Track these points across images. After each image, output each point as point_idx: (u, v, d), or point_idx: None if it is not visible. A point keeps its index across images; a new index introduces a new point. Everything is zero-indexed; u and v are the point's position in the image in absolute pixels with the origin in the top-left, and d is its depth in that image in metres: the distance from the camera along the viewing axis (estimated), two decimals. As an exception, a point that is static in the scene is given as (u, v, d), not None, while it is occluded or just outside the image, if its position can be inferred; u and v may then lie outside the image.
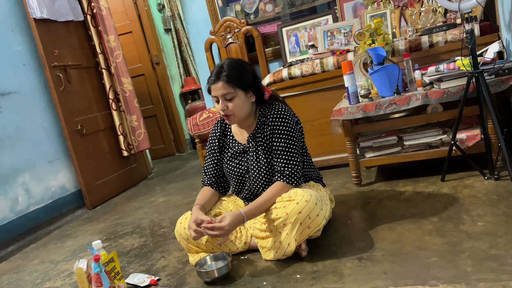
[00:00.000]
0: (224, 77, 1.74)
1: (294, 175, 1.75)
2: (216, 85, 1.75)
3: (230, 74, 1.75)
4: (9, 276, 2.32)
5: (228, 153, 1.93)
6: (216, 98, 1.78)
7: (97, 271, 1.55)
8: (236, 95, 1.76)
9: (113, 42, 3.78)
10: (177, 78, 5.26)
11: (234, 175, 1.91)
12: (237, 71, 1.77)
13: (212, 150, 1.97)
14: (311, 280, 1.52)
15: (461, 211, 1.79)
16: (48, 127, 3.36)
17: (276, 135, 1.79)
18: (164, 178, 3.97)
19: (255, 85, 1.83)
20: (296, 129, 1.83)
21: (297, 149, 1.79)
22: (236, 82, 1.75)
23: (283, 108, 1.84)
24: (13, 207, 3.00)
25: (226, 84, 1.74)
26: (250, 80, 1.80)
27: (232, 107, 1.76)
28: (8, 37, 3.18)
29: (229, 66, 1.77)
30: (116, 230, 2.69)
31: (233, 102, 1.76)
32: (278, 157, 1.78)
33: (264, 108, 1.86)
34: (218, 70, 1.77)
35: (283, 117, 1.80)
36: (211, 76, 1.78)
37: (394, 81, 2.20)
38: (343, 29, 2.97)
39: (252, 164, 1.85)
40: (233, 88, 1.74)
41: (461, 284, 1.29)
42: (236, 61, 1.82)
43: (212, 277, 1.66)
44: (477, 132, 2.17)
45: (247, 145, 1.88)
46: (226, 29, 3.39)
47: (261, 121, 1.85)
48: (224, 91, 1.74)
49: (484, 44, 2.30)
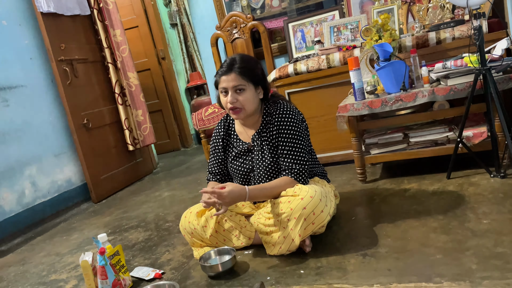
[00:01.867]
0: (237, 69, 1.74)
1: (302, 173, 1.76)
2: (228, 76, 1.74)
3: (244, 66, 1.75)
4: (16, 268, 2.35)
5: (233, 153, 1.93)
6: (225, 90, 1.77)
7: (102, 264, 1.56)
8: (247, 88, 1.76)
9: (120, 37, 3.78)
10: (182, 73, 5.27)
11: (239, 174, 1.91)
12: (250, 65, 1.78)
13: (216, 149, 1.98)
14: (314, 276, 1.52)
15: (466, 208, 1.78)
16: (55, 121, 3.38)
17: (283, 134, 1.79)
18: (169, 172, 3.98)
19: (264, 81, 1.84)
20: (302, 127, 1.83)
21: (304, 148, 1.80)
22: (249, 75, 1.76)
23: (289, 107, 1.84)
24: (20, 200, 3.02)
25: (239, 75, 1.74)
26: (260, 76, 1.81)
27: (242, 100, 1.76)
28: (16, 31, 3.19)
29: (241, 59, 1.78)
30: (121, 224, 2.71)
31: (244, 95, 1.76)
32: (285, 156, 1.78)
33: (269, 106, 1.86)
34: (231, 62, 1.77)
35: (289, 115, 1.80)
36: (221, 68, 1.78)
37: (400, 77, 2.19)
38: (350, 25, 2.96)
39: (258, 163, 1.85)
40: (245, 80, 1.75)
41: (466, 282, 1.28)
42: (248, 56, 1.84)
43: (216, 271, 1.66)
44: (483, 129, 2.16)
45: (252, 143, 1.88)
46: (232, 24, 3.38)
47: (267, 120, 1.84)
48: (236, 82, 1.74)
49: (492, 41, 2.28)
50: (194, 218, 1.86)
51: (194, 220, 1.85)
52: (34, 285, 2.05)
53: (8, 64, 3.09)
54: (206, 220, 1.84)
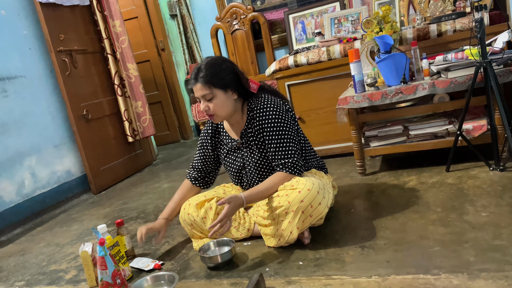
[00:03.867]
0: (201, 78, 1.73)
1: (295, 164, 1.74)
2: (195, 86, 1.75)
3: (208, 74, 1.73)
4: (16, 258, 2.36)
5: (224, 150, 1.94)
6: (198, 98, 1.78)
7: (102, 255, 1.56)
8: (215, 95, 1.74)
9: (119, 27, 3.76)
10: (182, 65, 5.24)
11: (232, 171, 1.92)
12: (214, 71, 1.74)
13: (203, 146, 1.98)
14: (313, 268, 1.53)
15: (465, 201, 1.79)
16: (54, 112, 3.38)
17: (266, 129, 1.76)
18: (169, 164, 3.99)
19: (235, 82, 1.79)
20: (287, 118, 1.79)
21: (292, 139, 1.76)
22: (213, 82, 1.73)
23: (269, 99, 1.80)
24: (20, 190, 3.03)
25: (203, 85, 1.73)
26: (228, 78, 1.76)
27: (213, 107, 1.75)
28: (15, 21, 3.17)
29: (206, 66, 1.75)
30: (121, 215, 2.72)
31: (213, 102, 1.75)
32: (274, 151, 1.76)
33: (251, 102, 1.83)
34: (196, 71, 1.76)
35: (269, 108, 1.77)
36: (191, 77, 1.77)
37: (401, 70, 2.18)
38: (351, 17, 2.94)
39: (248, 159, 1.86)
40: (210, 88, 1.73)
41: (463, 274, 1.29)
42: (214, 60, 1.79)
43: (216, 262, 1.67)
44: (483, 122, 2.15)
45: (240, 141, 1.88)
46: (232, 15, 3.37)
47: (250, 116, 1.82)
48: (203, 92, 1.73)
49: (494, 33, 2.27)
50: (194, 210, 1.86)
51: (194, 211, 1.86)
52: (34, 275, 2.06)
53: (7, 55, 3.07)
54: (206, 212, 1.85)
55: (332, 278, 1.43)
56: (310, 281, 1.44)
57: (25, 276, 2.07)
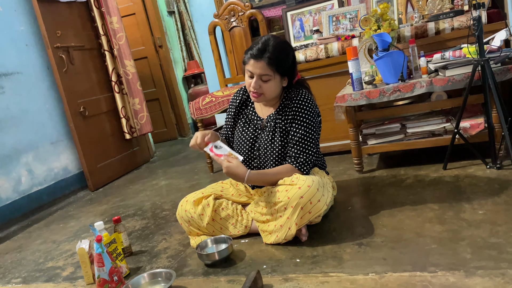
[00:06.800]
0: (267, 58, 1.70)
1: (307, 163, 1.78)
2: (256, 62, 1.71)
3: (274, 57, 1.70)
4: (12, 255, 2.35)
5: (243, 122, 1.92)
6: (251, 74, 1.75)
7: (99, 252, 1.56)
8: (273, 78, 1.74)
9: (116, 24, 3.75)
10: (180, 62, 5.23)
11: (243, 144, 1.90)
12: (282, 56, 1.73)
13: (229, 116, 1.99)
14: (310, 265, 1.53)
15: (462, 199, 1.79)
16: (51, 109, 3.36)
17: (297, 122, 1.79)
18: (166, 161, 3.98)
19: (292, 72, 1.81)
20: (317, 121, 1.83)
21: (314, 140, 1.80)
22: (278, 66, 1.72)
23: (309, 97, 1.83)
24: (16, 187, 3.02)
25: (267, 65, 1.70)
26: (289, 67, 1.78)
27: (265, 88, 1.75)
28: (11, 17, 3.15)
29: (275, 47, 1.71)
30: (118, 212, 2.71)
31: (268, 84, 1.74)
32: (294, 144, 1.78)
33: (290, 91, 1.84)
34: (263, 47, 1.71)
35: (307, 106, 1.79)
36: (252, 50, 1.72)
37: (399, 68, 2.18)
38: (349, 14, 2.94)
39: (266, 143, 1.85)
40: (272, 71, 1.72)
41: (460, 271, 1.30)
42: (283, 44, 1.76)
43: (213, 259, 1.67)
44: (481, 120, 2.16)
45: (265, 123, 1.88)
46: (230, 12, 3.35)
47: (285, 103, 1.83)
48: (263, 71, 1.71)
49: (491, 31, 2.27)
50: (191, 207, 1.86)
51: (191, 208, 1.86)
52: (31, 272, 2.06)
53: (3, 51, 3.05)
54: (203, 209, 1.85)
55: (329, 275, 1.44)
56: (307, 278, 1.44)
57: (22, 273, 2.06)
